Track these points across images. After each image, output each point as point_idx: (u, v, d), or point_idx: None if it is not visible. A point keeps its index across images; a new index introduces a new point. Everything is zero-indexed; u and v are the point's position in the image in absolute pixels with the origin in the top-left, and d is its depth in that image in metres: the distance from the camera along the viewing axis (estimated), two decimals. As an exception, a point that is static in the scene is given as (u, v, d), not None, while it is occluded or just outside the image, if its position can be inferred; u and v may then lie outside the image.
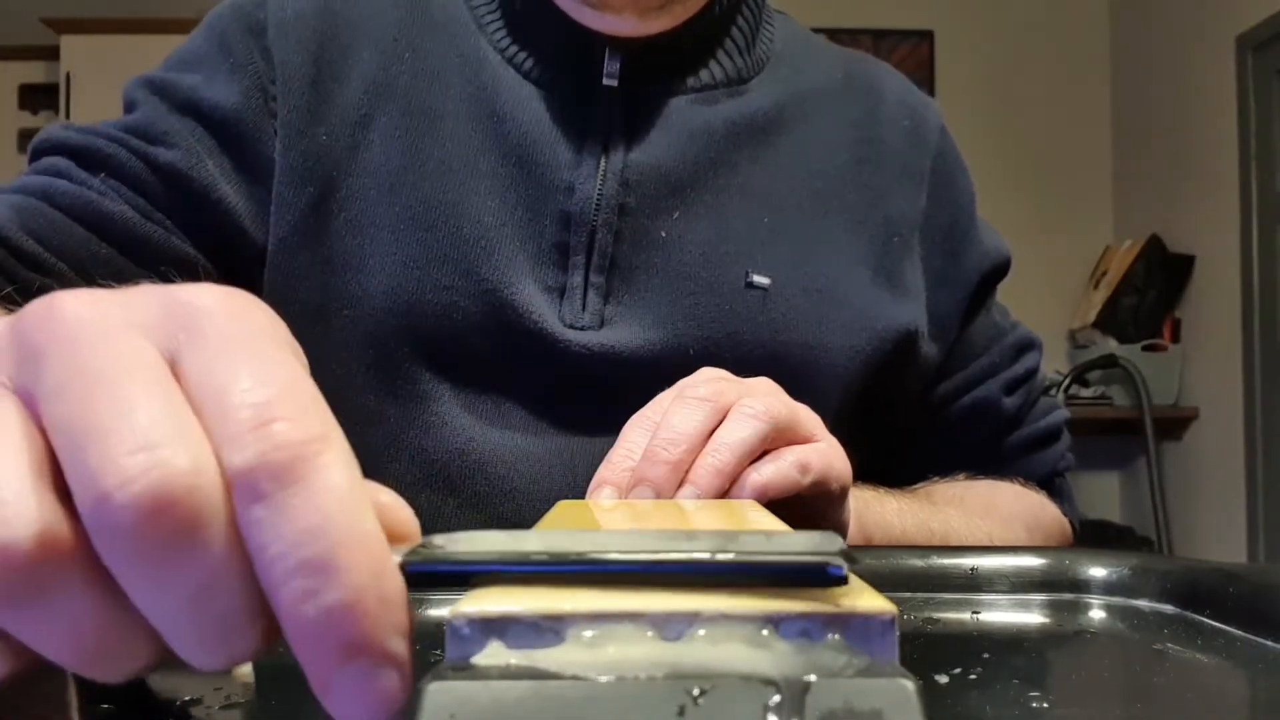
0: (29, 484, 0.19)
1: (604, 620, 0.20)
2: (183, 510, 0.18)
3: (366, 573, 0.19)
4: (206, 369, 0.20)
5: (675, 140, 0.66)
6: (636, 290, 0.64)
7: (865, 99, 0.73)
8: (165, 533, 0.18)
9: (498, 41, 0.67)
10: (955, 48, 3.82)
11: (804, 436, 0.48)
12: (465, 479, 0.62)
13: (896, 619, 0.20)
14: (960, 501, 0.69)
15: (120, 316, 0.21)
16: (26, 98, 3.95)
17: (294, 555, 0.18)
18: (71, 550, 0.19)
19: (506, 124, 0.65)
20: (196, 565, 0.19)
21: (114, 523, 0.18)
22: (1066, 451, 0.80)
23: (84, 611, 0.19)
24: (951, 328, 0.73)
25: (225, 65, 0.64)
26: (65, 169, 0.62)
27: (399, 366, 0.63)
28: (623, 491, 0.44)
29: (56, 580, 0.19)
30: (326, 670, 0.19)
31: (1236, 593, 0.38)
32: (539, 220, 0.64)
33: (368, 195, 0.63)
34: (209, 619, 0.19)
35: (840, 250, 0.68)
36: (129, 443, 0.18)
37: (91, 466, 0.18)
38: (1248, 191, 3.07)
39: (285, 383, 0.20)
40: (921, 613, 0.41)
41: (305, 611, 0.18)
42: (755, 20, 0.72)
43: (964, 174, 0.77)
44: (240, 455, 0.19)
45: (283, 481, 0.19)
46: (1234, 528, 3.11)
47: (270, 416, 0.19)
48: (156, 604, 0.19)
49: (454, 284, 0.62)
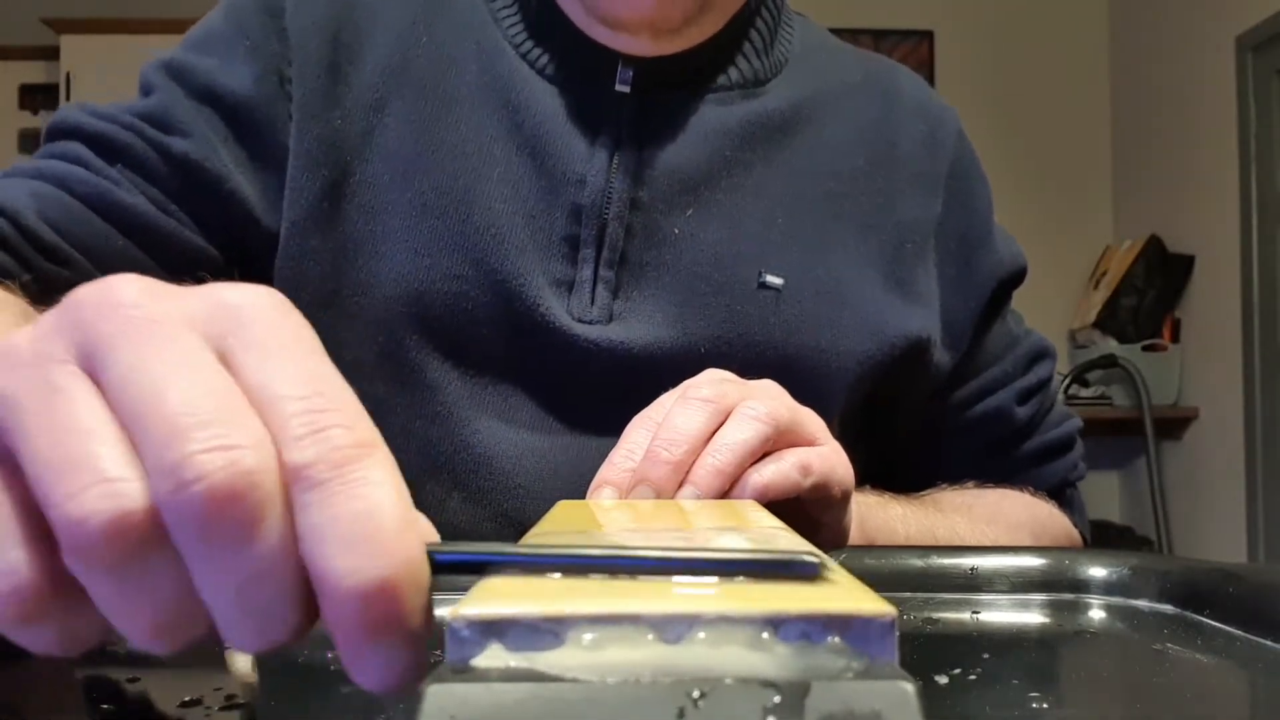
0: (129, 461, 0.21)
1: (604, 622, 0.20)
2: (249, 503, 0.20)
3: (404, 557, 0.21)
4: (261, 372, 0.22)
5: (690, 139, 0.66)
6: (646, 287, 0.64)
7: (882, 102, 0.73)
8: (233, 521, 0.20)
9: (513, 38, 0.67)
10: (955, 48, 3.82)
11: (806, 439, 0.47)
12: (470, 472, 0.62)
13: (896, 621, 0.20)
14: (967, 509, 0.69)
15: (178, 313, 0.23)
16: (26, 98, 3.95)
17: (344, 536, 0.21)
18: (162, 526, 0.21)
19: (521, 114, 0.65)
20: (256, 550, 0.21)
21: (190, 511, 0.20)
22: (1079, 462, 0.79)
23: (167, 585, 0.21)
24: (965, 335, 0.73)
25: (242, 47, 0.64)
26: (83, 156, 0.61)
27: (408, 354, 0.62)
28: (623, 491, 0.44)
29: (153, 551, 0.21)
30: (360, 641, 0.21)
31: (1236, 593, 0.38)
32: (550, 212, 0.63)
33: (381, 180, 0.63)
34: (259, 601, 0.21)
35: (852, 253, 0.68)
36: (203, 440, 0.20)
37: (170, 459, 0.20)
38: (1248, 191, 3.07)
39: (337, 392, 0.22)
40: (921, 613, 0.41)
41: (349, 586, 0.20)
42: (774, 22, 0.71)
43: (981, 181, 0.76)
44: (301, 455, 0.21)
45: (338, 476, 0.21)
46: (1234, 528, 3.11)
47: (328, 423, 0.22)
48: (217, 584, 0.21)
49: (463, 273, 0.62)
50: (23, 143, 3.94)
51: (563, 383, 0.63)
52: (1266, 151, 3.02)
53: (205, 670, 0.32)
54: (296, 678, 0.31)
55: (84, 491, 0.20)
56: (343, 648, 0.21)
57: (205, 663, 0.33)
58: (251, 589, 0.21)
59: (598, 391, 0.63)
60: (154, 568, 0.21)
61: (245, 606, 0.21)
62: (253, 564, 0.21)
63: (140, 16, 3.61)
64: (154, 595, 0.21)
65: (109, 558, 0.21)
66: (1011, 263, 0.75)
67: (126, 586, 0.21)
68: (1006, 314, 0.77)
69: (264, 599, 0.21)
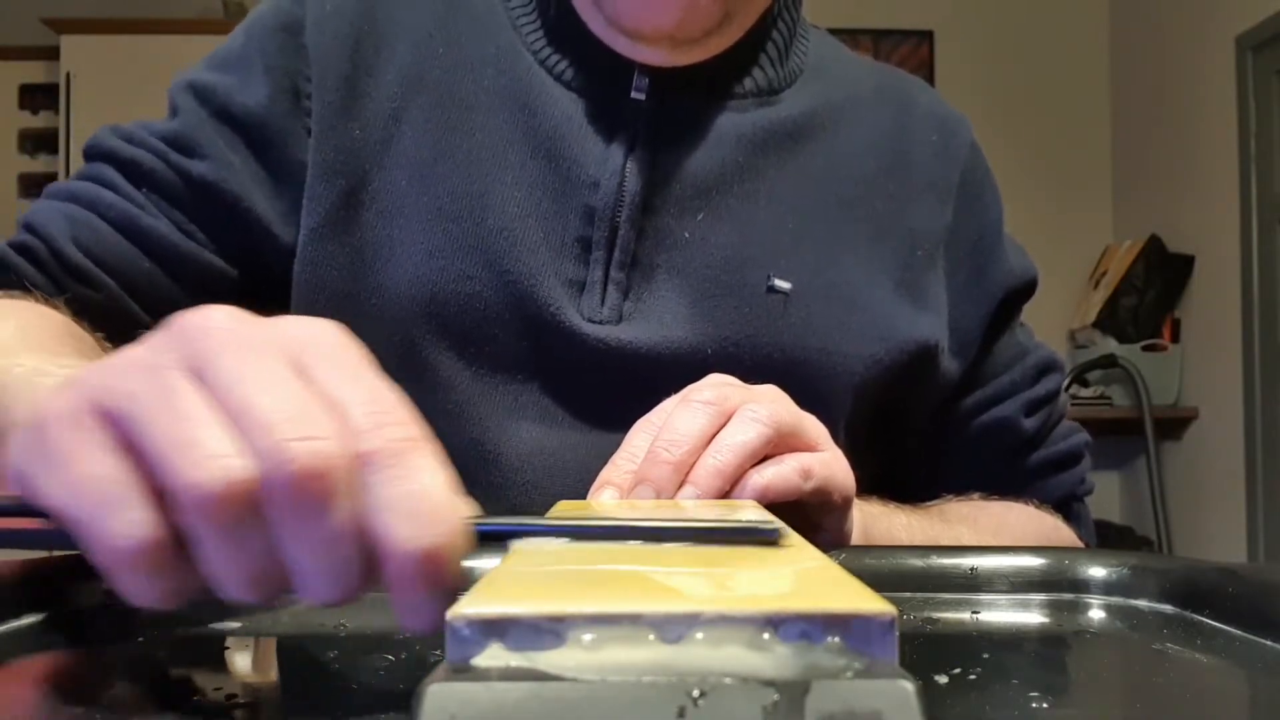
0: (235, 440, 0.26)
1: (604, 622, 0.20)
2: (328, 480, 0.25)
3: (450, 527, 0.26)
4: (331, 383, 0.27)
5: (703, 144, 0.66)
6: (657, 288, 0.64)
7: (895, 111, 0.73)
8: (315, 494, 0.25)
9: (531, 44, 0.68)
10: (955, 48, 3.82)
11: (808, 444, 0.47)
12: (480, 470, 0.63)
13: (896, 620, 0.20)
14: (973, 520, 0.69)
15: (262, 337, 0.28)
16: (26, 98, 3.95)
17: (403, 510, 0.26)
18: (259, 498, 0.25)
19: (537, 117, 0.65)
20: (332, 518, 0.26)
21: (284, 485, 0.25)
22: (1086, 476, 0.79)
23: (258, 544, 0.26)
24: (973, 344, 0.73)
25: (258, 66, 0.66)
26: (113, 180, 0.65)
27: (422, 354, 0.63)
28: (624, 493, 0.44)
29: (251, 516, 0.26)
30: (414, 592, 0.26)
31: (1236, 592, 0.38)
32: (563, 214, 0.64)
33: (398, 186, 0.64)
34: (332, 560, 0.26)
35: (863, 259, 0.68)
36: (293, 432, 0.25)
37: (268, 444, 0.25)
38: (1248, 191, 3.07)
39: (391, 399, 0.28)
40: (921, 613, 0.41)
41: (407, 549, 0.25)
42: (790, 33, 0.71)
43: (993, 191, 0.76)
44: (368, 445, 0.26)
45: (398, 462, 0.26)
46: (1234, 528, 3.11)
47: (387, 422, 0.27)
48: (300, 545, 0.26)
49: (476, 274, 0.63)
50: (23, 143, 3.94)
51: (572, 382, 0.64)
52: (1266, 151, 3.02)
53: (205, 670, 0.32)
54: (297, 678, 0.31)
55: (204, 463, 0.25)
56: (397, 598, 0.26)
57: (206, 662, 0.33)
58: (327, 549, 0.26)
59: (607, 390, 0.63)
60: (250, 530, 0.26)
61: (320, 564, 0.26)
62: (329, 529, 0.26)
63: (140, 16, 3.61)
64: (248, 552, 0.26)
65: (219, 517, 0.25)
66: (1022, 273, 0.75)
67: (229, 542, 0.26)
68: (1016, 325, 0.77)
69: (336, 558, 0.26)
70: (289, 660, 0.32)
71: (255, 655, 0.32)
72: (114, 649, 0.35)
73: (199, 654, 0.35)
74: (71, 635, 0.36)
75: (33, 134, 3.93)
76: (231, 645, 0.34)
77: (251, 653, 0.32)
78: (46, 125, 3.86)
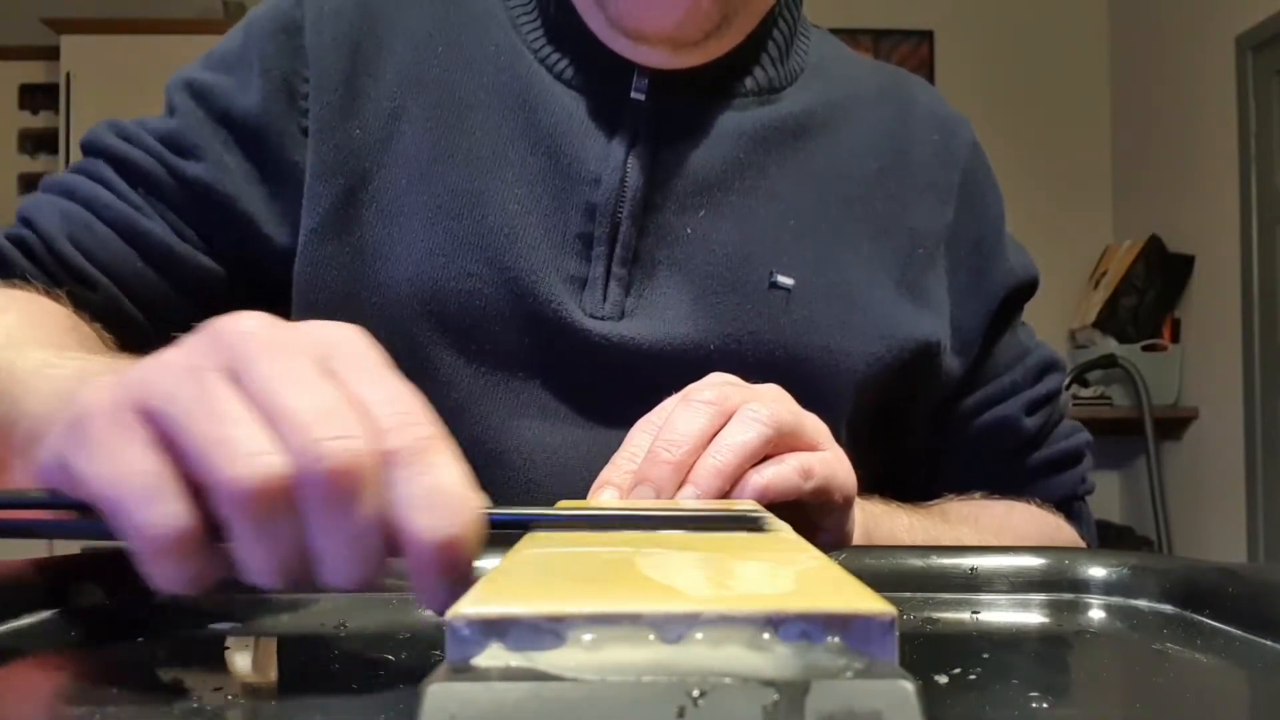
0: (271, 438, 0.27)
1: (604, 622, 0.20)
2: (357, 476, 0.27)
3: (467, 518, 0.28)
4: (358, 385, 0.29)
5: (705, 141, 0.66)
6: (658, 285, 0.65)
7: (897, 110, 0.73)
8: (346, 488, 0.27)
9: (531, 43, 0.68)
10: (955, 48, 3.81)
11: (808, 444, 0.47)
12: (482, 466, 0.62)
13: (896, 620, 0.20)
14: (974, 520, 0.69)
15: (293, 341, 0.30)
16: (26, 98, 3.95)
17: (424, 503, 0.28)
18: (292, 492, 0.27)
19: (537, 114, 0.65)
20: (360, 510, 0.27)
21: (317, 480, 0.27)
22: (1087, 475, 0.79)
23: (289, 535, 0.28)
24: (974, 343, 0.73)
25: (255, 68, 0.66)
26: (109, 179, 0.65)
27: (423, 351, 0.63)
28: (624, 493, 0.45)
29: (283, 508, 0.27)
30: (432, 577, 0.28)
31: (1236, 592, 0.38)
32: (564, 210, 0.64)
33: (398, 185, 0.64)
34: (359, 549, 0.28)
35: (864, 257, 0.68)
36: (326, 430, 0.27)
37: (302, 442, 0.27)
38: (1248, 191, 3.07)
39: (413, 401, 0.30)
40: (921, 613, 0.41)
41: (428, 539, 0.28)
42: (791, 32, 0.72)
43: (994, 191, 0.76)
44: (394, 441, 0.28)
45: (420, 459, 0.28)
46: (1234, 528, 3.11)
47: (410, 422, 0.29)
48: (329, 535, 0.28)
49: (478, 271, 0.63)
50: (23, 143, 3.94)
51: (575, 378, 0.64)
52: (1266, 151, 3.02)
53: (205, 670, 0.32)
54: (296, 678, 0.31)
55: (242, 459, 0.27)
56: (418, 583, 0.28)
57: (206, 662, 0.33)
58: (354, 539, 0.28)
59: (609, 387, 0.63)
60: (282, 521, 0.27)
61: (347, 552, 0.28)
62: (357, 521, 0.27)
63: (140, 16, 3.61)
64: (280, 542, 0.28)
65: (255, 510, 0.27)
66: (1023, 273, 0.75)
67: (263, 532, 0.28)
68: (1017, 325, 0.77)
69: (363, 547, 0.28)
70: (289, 660, 0.32)
71: (255, 655, 0.32)
72: (114, 649, 0.35)
73: (199, 654, 0.35)
74: (72, 635, 0.36)
75: (33, 134, 3.92)
76: (231, 645, 0.34)
77: (251, 653, 0.32)
78: (46, 125, 3.86)
